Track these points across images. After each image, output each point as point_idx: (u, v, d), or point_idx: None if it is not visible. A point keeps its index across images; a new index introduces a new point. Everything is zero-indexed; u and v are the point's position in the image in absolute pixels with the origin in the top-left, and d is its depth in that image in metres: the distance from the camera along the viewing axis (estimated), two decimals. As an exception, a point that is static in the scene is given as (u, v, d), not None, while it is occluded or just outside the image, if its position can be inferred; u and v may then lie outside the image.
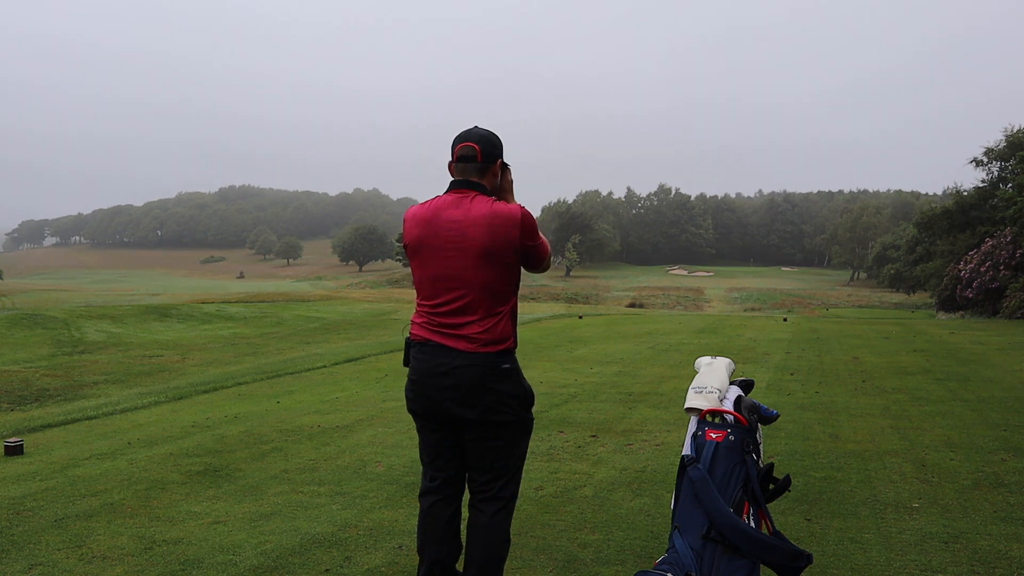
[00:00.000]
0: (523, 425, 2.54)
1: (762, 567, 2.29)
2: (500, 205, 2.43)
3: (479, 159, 2.48)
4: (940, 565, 2.94)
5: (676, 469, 2.45)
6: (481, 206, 2.42)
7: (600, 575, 2.94)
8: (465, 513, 2.65)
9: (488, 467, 2.52)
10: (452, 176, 2.54)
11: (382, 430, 5.66)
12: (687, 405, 2.54)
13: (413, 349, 2.53)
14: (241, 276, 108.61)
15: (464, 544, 2.60)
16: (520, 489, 2.66)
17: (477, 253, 2.38)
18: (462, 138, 2.52)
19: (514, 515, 2.68)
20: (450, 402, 2.44)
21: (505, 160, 2.58)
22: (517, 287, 2.53)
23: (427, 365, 2.47)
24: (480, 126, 2.54)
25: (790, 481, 2.42)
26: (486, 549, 2.49)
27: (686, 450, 2.45)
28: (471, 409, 2.42)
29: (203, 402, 7.86)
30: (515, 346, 2.51)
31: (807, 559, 2.22)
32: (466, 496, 2.64)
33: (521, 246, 2.43)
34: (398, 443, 5.20)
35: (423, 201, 2.57)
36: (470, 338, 2.40)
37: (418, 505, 3.44)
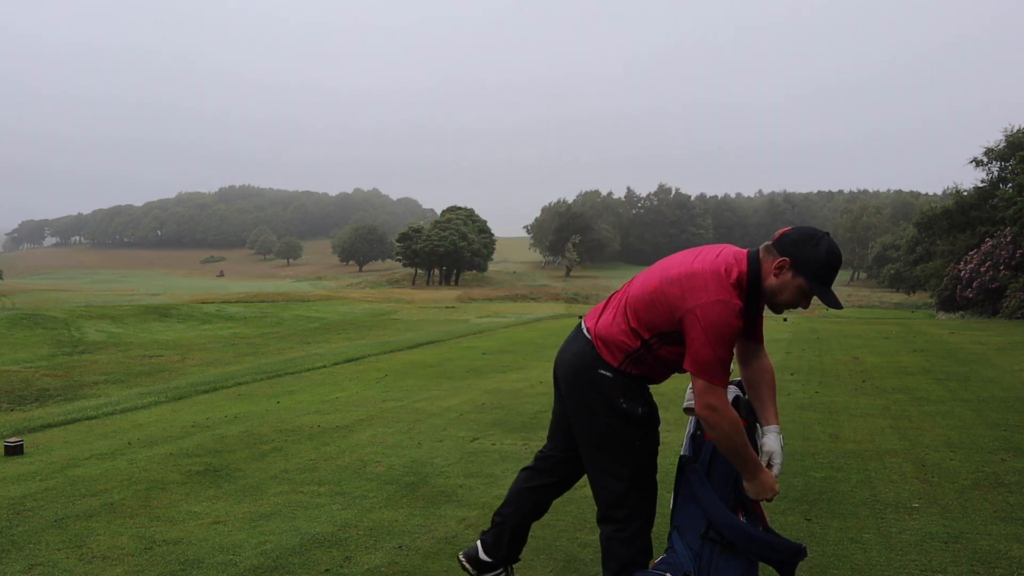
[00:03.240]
0: (608, 426, 2.38)
1: (761, 566, 2.29)
2: (710, 278, 2.19)
3: (774, 238, 2.26)
4: (940, 565, 2.94)
5: (675, 469, 2.45)
6: (704, 258, 2.26)
7: (600, 575, 2.93)
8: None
9: (583, 456, 2.49)
10: None
11: (382, 430, 5.66)
12: (685, 405, 2.53)
13: None
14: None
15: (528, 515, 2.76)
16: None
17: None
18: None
19: None
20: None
21: (801, 271, 2.18)
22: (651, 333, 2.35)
23: None
24: (832, 242, 2.22)
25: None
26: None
27: (684, 450, 2.45)
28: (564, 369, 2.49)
29: (203, 402, 7.86)
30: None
31: (803, 553, 2.22)
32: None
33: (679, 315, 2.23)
34: (398, 443, 5.20)
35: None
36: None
37: (418, 505, 3.43)
